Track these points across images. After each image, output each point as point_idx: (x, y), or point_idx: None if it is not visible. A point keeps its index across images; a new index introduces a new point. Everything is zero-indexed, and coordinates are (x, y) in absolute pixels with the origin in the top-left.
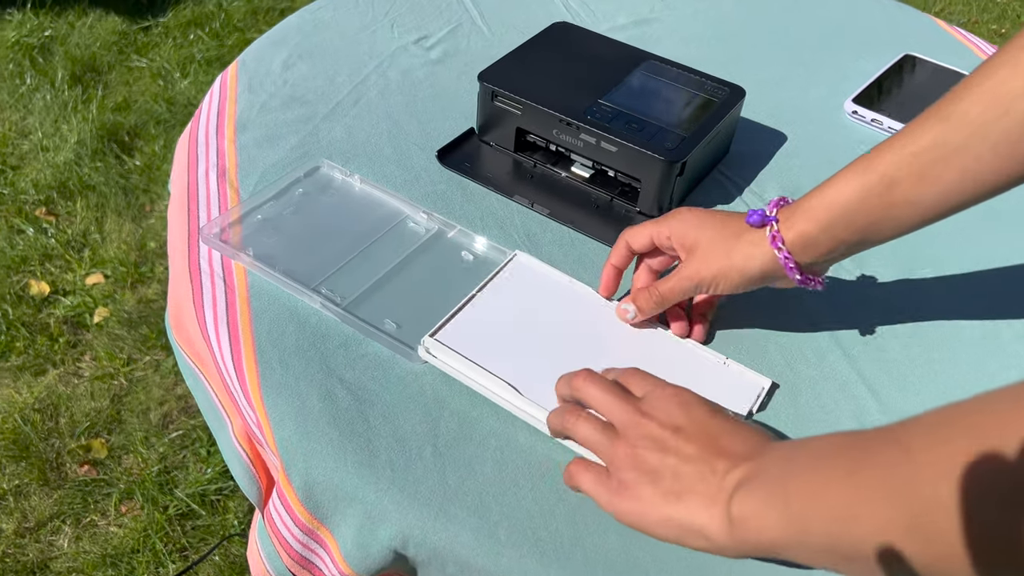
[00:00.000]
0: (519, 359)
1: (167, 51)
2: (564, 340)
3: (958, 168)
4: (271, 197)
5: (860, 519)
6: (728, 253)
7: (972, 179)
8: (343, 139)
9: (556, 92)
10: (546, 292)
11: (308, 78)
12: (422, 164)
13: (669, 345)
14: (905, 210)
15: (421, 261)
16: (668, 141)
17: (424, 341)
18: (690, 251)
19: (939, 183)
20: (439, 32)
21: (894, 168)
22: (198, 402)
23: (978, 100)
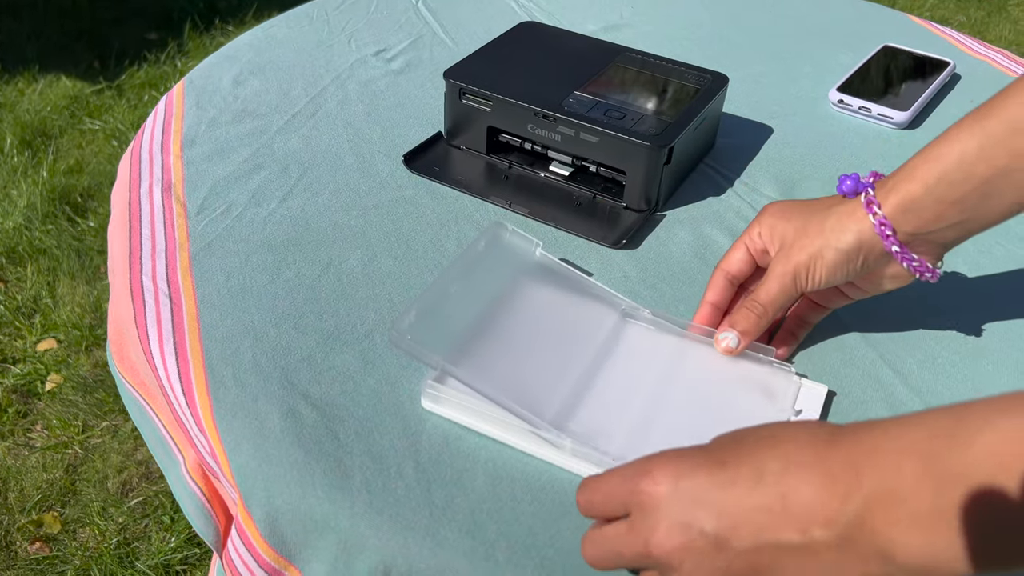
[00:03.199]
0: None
1: (121, 113)
2: (579, 351)
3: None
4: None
5: None
6: (820, 229)
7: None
8: (300, 149)
9: (529, 86)
10: (564, 297)
11: (261, 92)
12: (388, 170)
13: (702, 352)
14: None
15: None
16: (652, 127)
17: (426, 386)
18: (781, 244)
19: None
20: (400, 44)
21: (1020, 111)
22: (145, 439)
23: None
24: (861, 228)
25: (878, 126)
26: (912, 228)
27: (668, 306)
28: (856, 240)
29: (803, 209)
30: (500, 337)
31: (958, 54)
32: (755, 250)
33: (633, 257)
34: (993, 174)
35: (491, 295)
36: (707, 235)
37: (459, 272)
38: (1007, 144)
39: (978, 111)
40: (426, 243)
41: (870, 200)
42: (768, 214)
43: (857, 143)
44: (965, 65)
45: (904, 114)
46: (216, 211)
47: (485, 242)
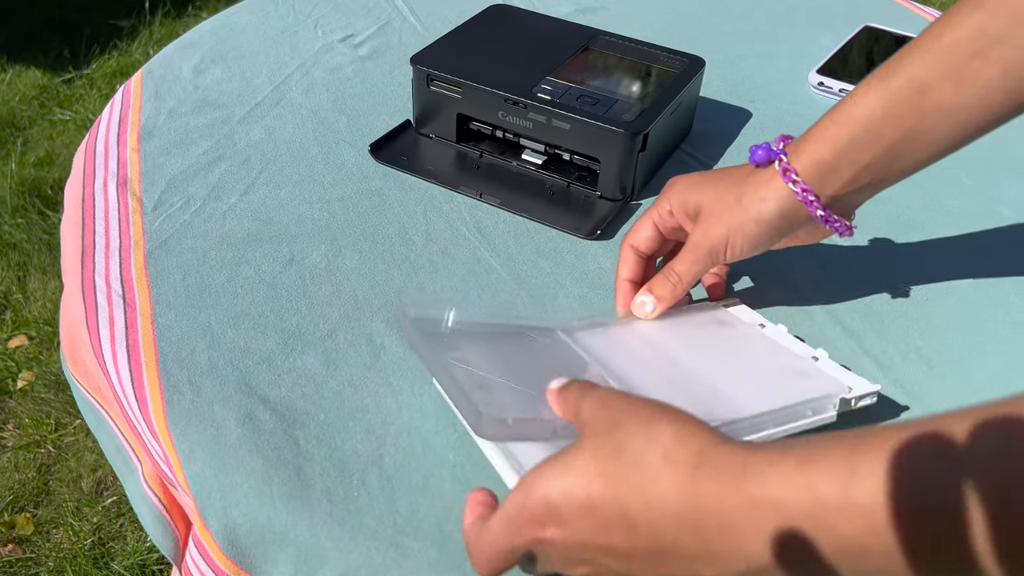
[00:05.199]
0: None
1: (92, 102)
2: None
3: (999, 62)
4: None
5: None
6: (738, 202)
7: (1016, 75)
8: (263, 140)
9: (499, 72)
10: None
11: (222, 81)
12: (354, 161)
13: (736, 339)
14: (941, 121)
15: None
16: (627, 113)
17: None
18: (695, 217)
19: (978, 82)
20: (367, 30)
21: (924, 69)
22: (102, 446)
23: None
24: (780, 196)
25: None
26: (831, 191)
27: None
28: (777, 209)
29: (714, 181)
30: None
31: None
32: (664, 228)
33: (608, 248)
34: (901, 136)
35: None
36: None
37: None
38: (913, 104)
39: (883, 69)
40: (392, 236)
41: (786, 168)
42: (676, 189)
43: None
44: None
45: None
46: (174, 206)
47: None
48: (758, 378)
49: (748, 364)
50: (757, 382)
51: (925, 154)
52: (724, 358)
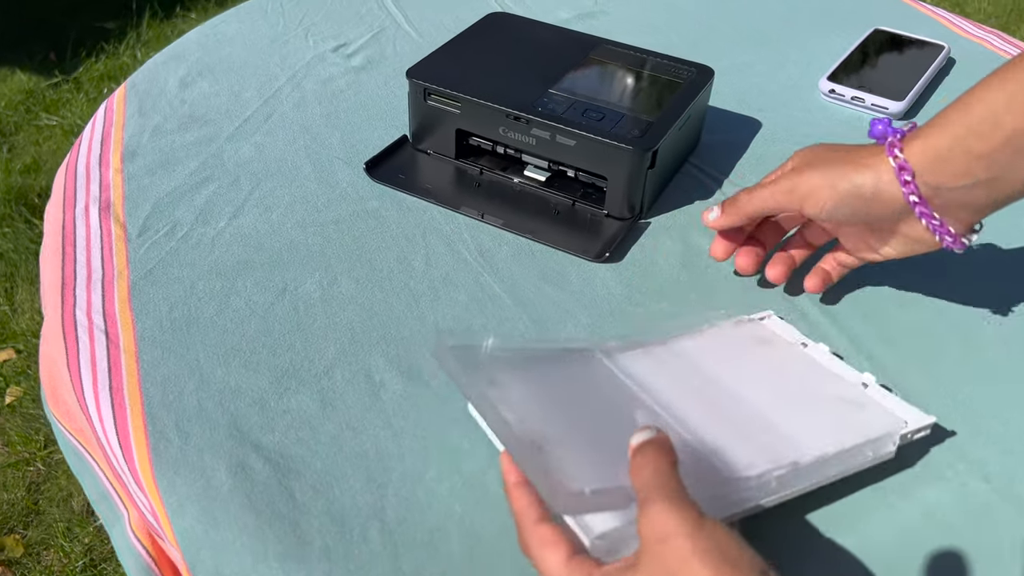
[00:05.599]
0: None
1: (80, 107)
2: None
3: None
4: None
5: None
6: (840, 162)
7: None
8: (252, 158)
9: (499, 85)
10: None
11: (210, 96)
12: (348, 180)
13: (780, 362)
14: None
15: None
16: (634, 128)
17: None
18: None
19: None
20: (360, 38)
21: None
22: (86, 491)
23: None
24: (880, 170)
25: (872, 116)
26: (936, 180)
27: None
28: (873, 181)
29: (834, 146)
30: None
31: (951, 36)
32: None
33: (617, 271)
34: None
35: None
36: (696, 244)
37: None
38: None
39: (1013, 60)
40: (391, 262)
41: (892, 143)
42: (798, 156)
43: (850, 136)
44: (959, 48)
45: (899, 104)
46: (159, 232)
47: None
48: (812, 410)
49: (799, 393)
50: (812, 415)
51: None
52: (773, 385)
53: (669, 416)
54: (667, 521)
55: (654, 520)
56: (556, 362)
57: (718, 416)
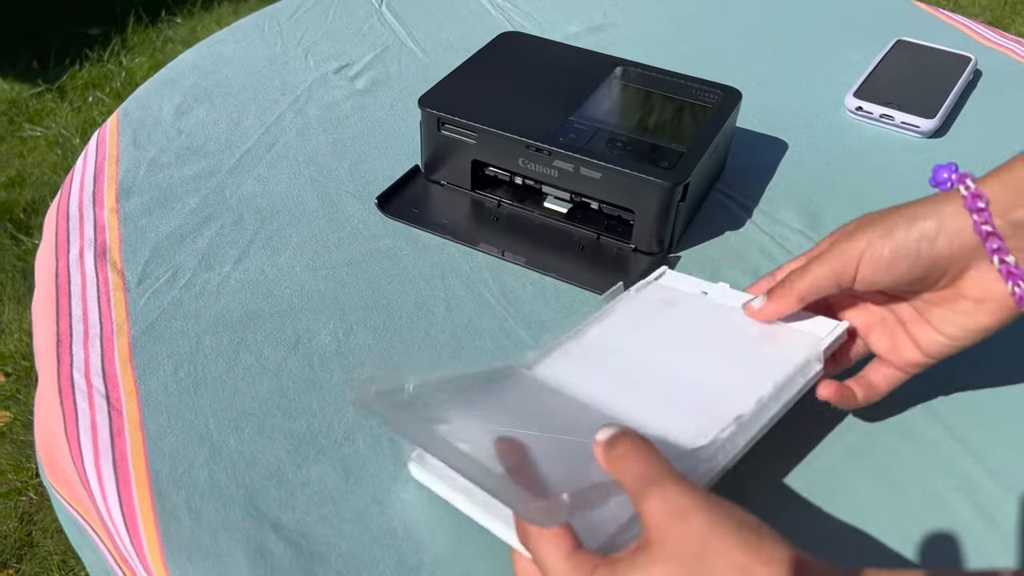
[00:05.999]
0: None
1: (64, 117)
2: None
3: None
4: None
5: None
6: (888, 216)
7: None
8: (257, 194)
9: (517, 112)
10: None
11: (208, 124)
12: (359, 216)
13: (691, 318)
14: None
15: None
16: (664, 159)
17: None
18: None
19: None
20: (364, 58)
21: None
22: (87, 567)
23: None
24: (945, 209)
25: (902, 135)
26: (1016, 213)
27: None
28: (936, 223)
29: (885, 210)
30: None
31: (973, 45)
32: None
33: None
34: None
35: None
36: (730, 280)
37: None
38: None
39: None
40: (409, 307)
41: (963, 176)
42: (850, 225)
43: (882, 157)
44: (983, 58)
45: (931, 122)
46: (160, 279)
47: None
48: (735, 358)
49: (716, 344)
50: (736, 363)
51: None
52: (690, 345)
53: (605, 410)
54: (682, 499)
55: (668, 501)
56: (485, 387)
57: (651, 395)
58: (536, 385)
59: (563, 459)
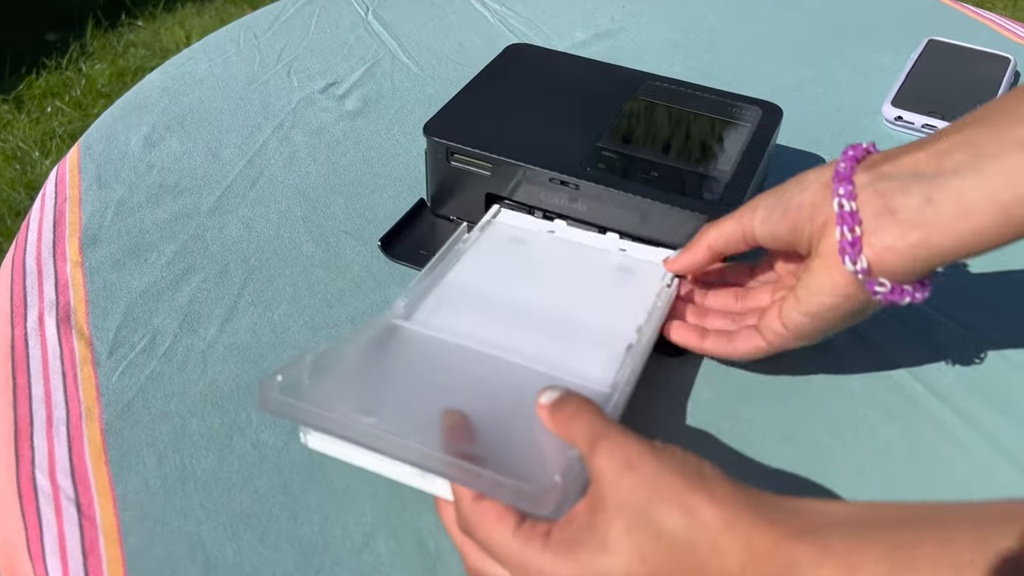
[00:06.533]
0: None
1: (22, 128)
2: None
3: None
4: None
5: None
6: (790, 182)
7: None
8: (242, 238)
9: (536, 139)
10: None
11: (182, 156)
12: (361, 261)
13: (548, 257)
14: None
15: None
16: (708, 189)
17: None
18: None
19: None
20: (352, 74)
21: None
22: None
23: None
24: (828, 171)
25: None
26: (882, 160)
27: (757, 437)
28: (815, 177)
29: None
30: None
31: (1007, 43)
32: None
33: (698, 365)
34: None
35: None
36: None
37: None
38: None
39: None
40: None
41: (850, 242)
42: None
43: None
44: (1019, 56)
45: None
46: (136, 347)
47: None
48: (602, 291)
49: (581, 279)
50: (606, 295)
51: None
52: (559, 282)
53: (511, 356)
54: (629, 448)
55: (615, 452)
56: (380, 352)
57: (544, 334)
58: (429, 341)
59: (512, 430)
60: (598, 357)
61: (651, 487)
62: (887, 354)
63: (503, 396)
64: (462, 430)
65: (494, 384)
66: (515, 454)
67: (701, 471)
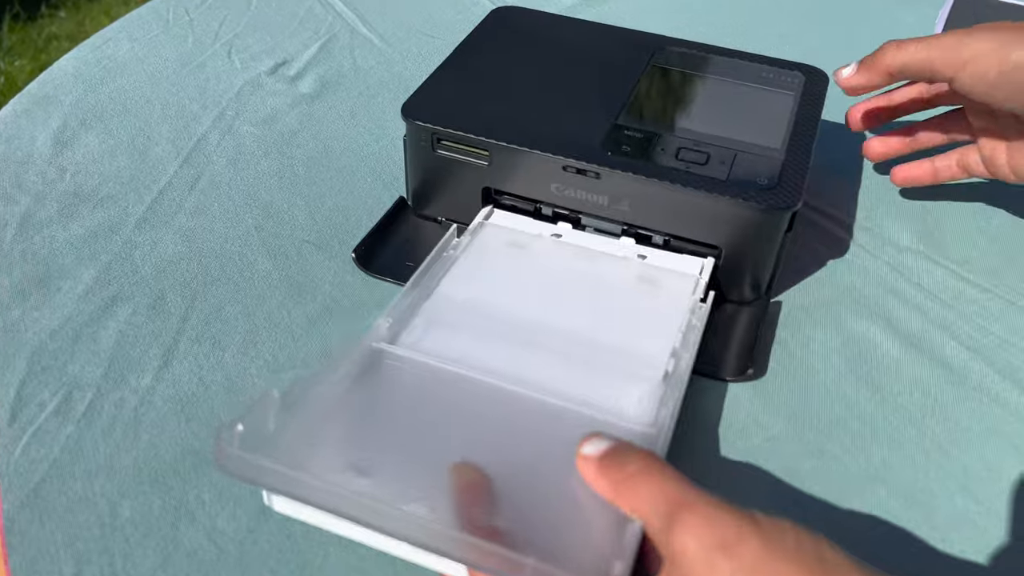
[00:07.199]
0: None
1: None
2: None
3: None
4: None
5: None
6: (1011, 31)
7: None
8: (181, 256)
9: (542, 119)
10: None
11: (102, 157)
12: (332, 278)
13: (561, 267)
14: None
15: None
16: (761, 173)
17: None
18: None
19: None
20: (305, 51)
21: None
22: None
23: None
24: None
25: None
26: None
27: (843, 475)
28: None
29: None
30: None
31: None
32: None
33: (762, 392)
34: None
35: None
36: (861, 334)
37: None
38: None
39: None
40: None
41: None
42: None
43: None
44: None
45: None
46: (46, 407)
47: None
48: (624, 306)
49: (598, 291)
50: (628, 311)
51: None
52: (571, 295)
53: (524, 387)
54: (724, 525)
55: (704, 530)
56: (363, 387)
57: (562, 360)
58: (423, 369)
59: (543, 489)
60: (633, 389)
61: (754, 570)
62: (990, 383)
63: (524, 442)
64: (479, 492)
65: (511, 426)
66: (551, 526)
67: (821, 555)
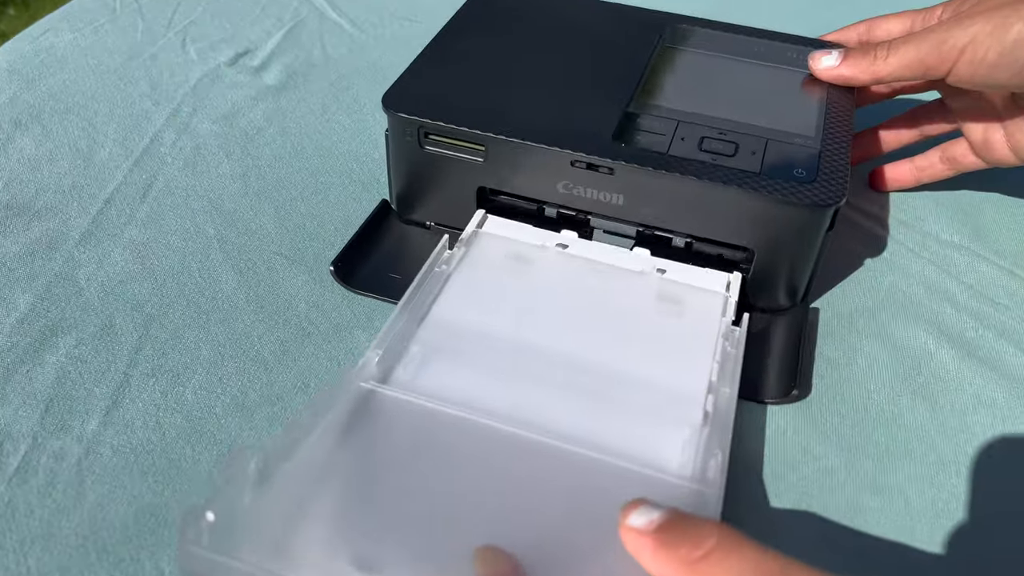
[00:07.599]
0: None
1: None
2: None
3: None
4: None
5: None
6: (1001, 8)
7: None
8: (132, 275)
9: (544, 108)
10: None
11: (40, 163)
12: (307, 295)
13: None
14: None
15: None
16: (795, 164)
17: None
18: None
19: None
20: (269, 39)
21: None
22: None
23: None
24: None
25: None
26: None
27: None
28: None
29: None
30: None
31: None
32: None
33: (807, 414)
34: None
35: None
36: (910, 343)
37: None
38: None
39: None
40: None
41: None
42: (950, 8)
43: None
44: None
45: None
46: None
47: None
48: (647, 331)
49: (615, 313)
50: (652, 337)
51: None
52: (586, 317)
53: (544, 435)
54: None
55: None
56: (355, 441)
57: (581, 397)
58: (423, 415)
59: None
60: (671, 433)
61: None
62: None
63: (555, 507)
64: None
65: (538, 486)
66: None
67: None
